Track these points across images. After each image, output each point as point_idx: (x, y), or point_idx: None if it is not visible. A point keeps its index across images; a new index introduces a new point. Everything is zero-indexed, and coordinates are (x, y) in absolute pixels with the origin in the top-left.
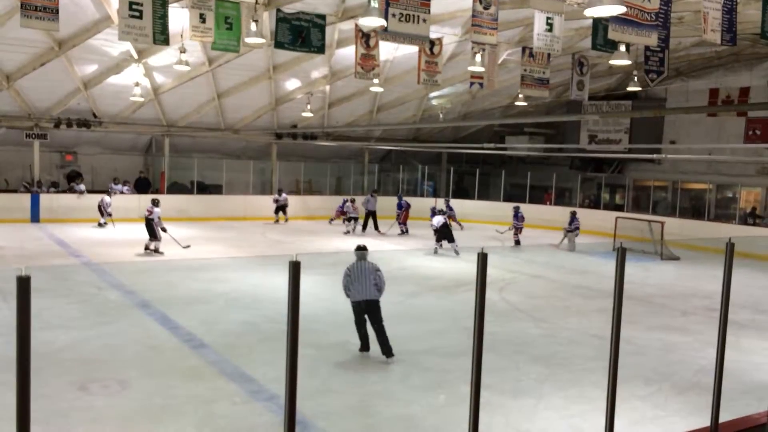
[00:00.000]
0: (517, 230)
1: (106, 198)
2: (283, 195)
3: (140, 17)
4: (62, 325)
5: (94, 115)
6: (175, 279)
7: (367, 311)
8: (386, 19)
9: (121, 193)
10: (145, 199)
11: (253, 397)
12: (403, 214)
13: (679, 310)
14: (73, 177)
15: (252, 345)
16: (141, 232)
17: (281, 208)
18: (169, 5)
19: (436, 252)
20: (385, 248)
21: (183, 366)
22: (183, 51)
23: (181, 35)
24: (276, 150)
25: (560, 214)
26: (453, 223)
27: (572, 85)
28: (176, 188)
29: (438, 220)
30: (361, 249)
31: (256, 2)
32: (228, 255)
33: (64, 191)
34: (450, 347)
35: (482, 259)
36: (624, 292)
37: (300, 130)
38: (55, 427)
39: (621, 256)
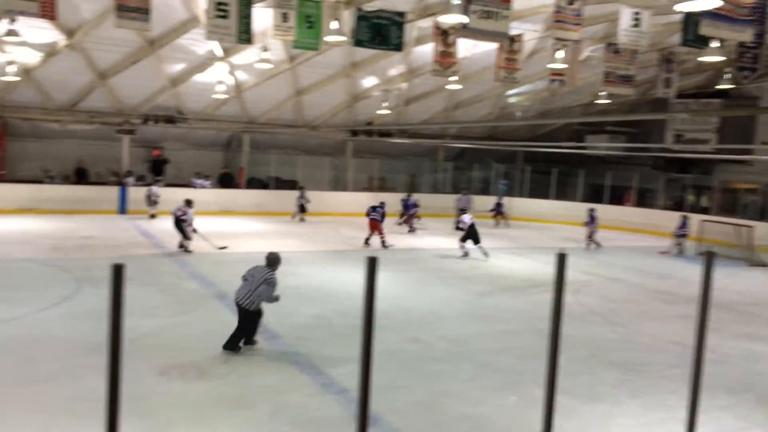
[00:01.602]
0: (591, 233)
1: (154, 189)
2: (306, 193)
3: (226, 17)
4: (145, 312)
5: (180, 112)
6: None
7: (239, 313)
8: (466, 15)
9: (203, 187)
10: (227, 194)
11: (324, 389)
12: (408, 215)
13: (766, 319)
14: (158, 167)
15: (323, 338)
16: (219, 225)
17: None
18: (254, 5)
19: (467, 255)
20: (455, 246)
21: (257, 356)
22: (265, 49)
23: (264, 34)
24: (351, 147)
25: (641, 216)
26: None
27: (659, 83)
28: (254, 183)
29: (467, 218)
30: (268, 255)
31: (337, 1)
32: (302, 249)
33: (149, 184)
34: (522, 348)
35: (561, 260)
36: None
37: (375, 127)
38: (137, 409)
39: (708, 261)
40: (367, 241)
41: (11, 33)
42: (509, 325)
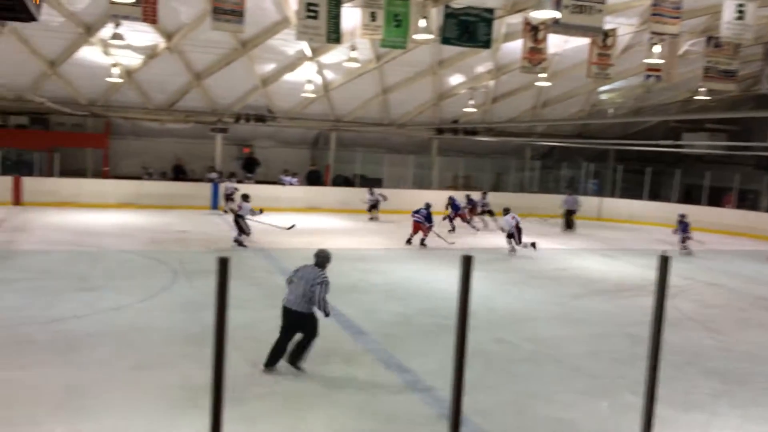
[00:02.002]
0: (684, 239)
1: (228, 184)
2: (376, 192)
3: (316, 18)
4: (238, 305)
5: (270, 111)
6: (336, 268)
7: (290, 321)
8: (558, 10)
9: (291, 184)
10: (314, 191)
11: (410, 387)
12: (461, 213)
13: None
14: (250, 164)
15: (407, 336)
16: (306, 221)
17: (374, 205)
18: (343, 5)
19: (528, 246)
20: (545, 247)
21: (344, 351)
22: (353, 49)
23: (352, 34)
24: (436, 145)
25: (742, 218)
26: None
27: (763, 78)
28: (340, 181)
29: (509, 219)
30: (318, 253)
31: None
32: (385, 247)
33: (240, 181)
34: (613, 353)
35: (663, 263)
36: None
37: (461, 125)
38: (230, 397)
39: None
40: (408, 241)
41: (116, 36)
42: (599, 328)
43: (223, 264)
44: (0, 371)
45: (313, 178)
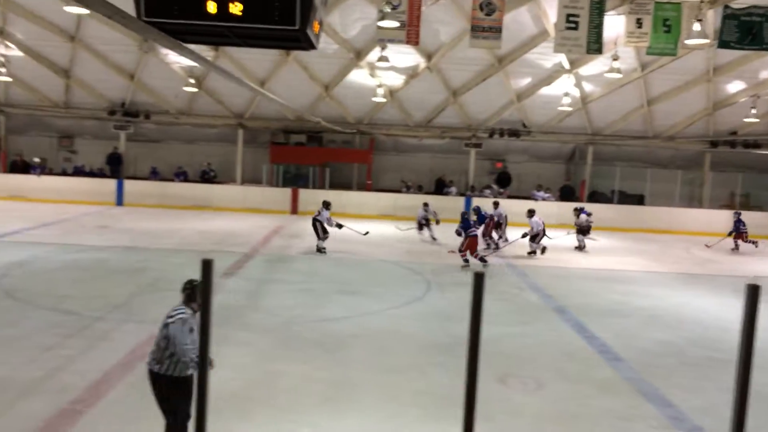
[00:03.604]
0: None
1: (423, 213)
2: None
3: (576, 28)
4: (487, 320)
5: (524, 125)
6: (591, 288)
7: (152, 386)
8: None
9: (543, 200)
10: (568, 207)
11: (673, 424)
12: (487, 227)
13: None
14: (503, 180)
15: (672, 367)
16: (559, 239)
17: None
18: (605, 13)
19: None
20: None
21: (597, 377)
22: (615, 58)
23: (615, 42)
24: (709, 159)
25: None
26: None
27: None
28: (596, 197)
29: (536, 221)
30: (185, 286)
31: (701, 1)
32: (648, 269)
33: (494, 195)
34: None
35: None
36: None
37: (740, 137)
38: (478, 411)
39: None
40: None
41: (382, 59)
42: None
43: (479, 279)
44: (273, 363)
45: (567, 194)
